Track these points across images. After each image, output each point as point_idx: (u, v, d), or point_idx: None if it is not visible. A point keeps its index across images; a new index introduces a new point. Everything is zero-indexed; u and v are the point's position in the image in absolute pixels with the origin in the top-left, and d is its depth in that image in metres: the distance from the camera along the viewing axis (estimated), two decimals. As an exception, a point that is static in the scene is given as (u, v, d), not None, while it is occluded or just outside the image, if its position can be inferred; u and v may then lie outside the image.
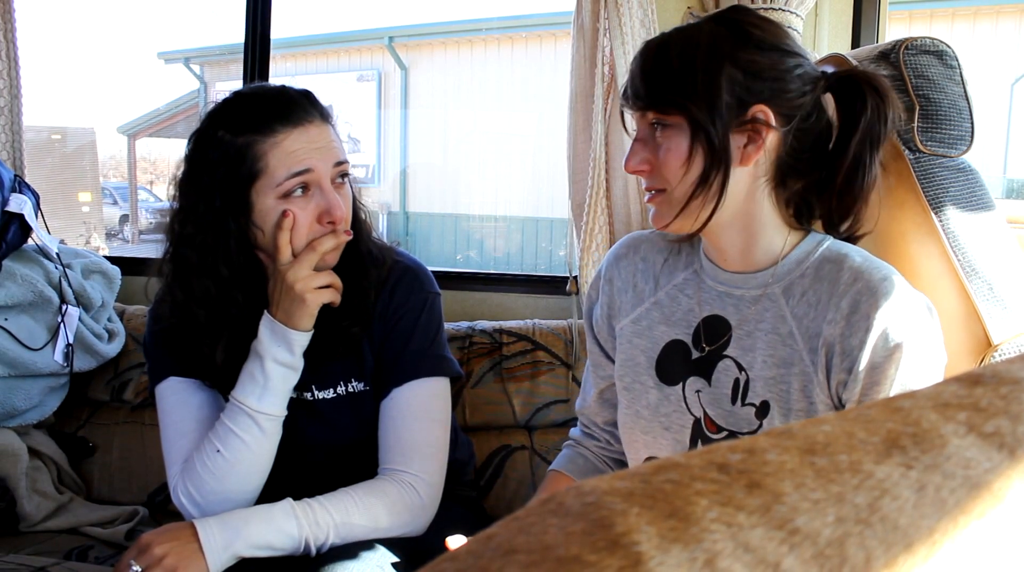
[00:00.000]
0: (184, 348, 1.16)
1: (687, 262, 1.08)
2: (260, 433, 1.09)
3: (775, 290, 0.98)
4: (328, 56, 9.11)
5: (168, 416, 1.18)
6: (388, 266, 1.21)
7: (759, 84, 0.92)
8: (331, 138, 1.12)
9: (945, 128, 1.07)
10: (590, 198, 1.67)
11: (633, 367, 1.08)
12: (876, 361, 0.89)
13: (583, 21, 1.67)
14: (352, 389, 1.20)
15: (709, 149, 0.92)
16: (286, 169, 1.07)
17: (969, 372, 0.32)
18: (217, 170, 1.08)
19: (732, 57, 0.92)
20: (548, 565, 0.21)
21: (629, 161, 0.98)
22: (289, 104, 1.10)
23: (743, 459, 0.25)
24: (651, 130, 0.97)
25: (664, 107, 0.94)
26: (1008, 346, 1.02)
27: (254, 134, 1.07)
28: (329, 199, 1.09)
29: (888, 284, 0.90)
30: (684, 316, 1.05)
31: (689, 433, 1.02)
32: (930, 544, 0.24)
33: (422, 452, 1.16)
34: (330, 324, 1.16)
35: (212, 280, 1.11)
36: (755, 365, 0.97)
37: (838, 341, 0.91)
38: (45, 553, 1.46)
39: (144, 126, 10.71)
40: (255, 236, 1.11)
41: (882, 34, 1.72)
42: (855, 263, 0.93)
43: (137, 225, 10.50)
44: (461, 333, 1.68)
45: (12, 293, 1.61)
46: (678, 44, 0.94)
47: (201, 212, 1.09)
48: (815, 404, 0.93)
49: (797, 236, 0.99)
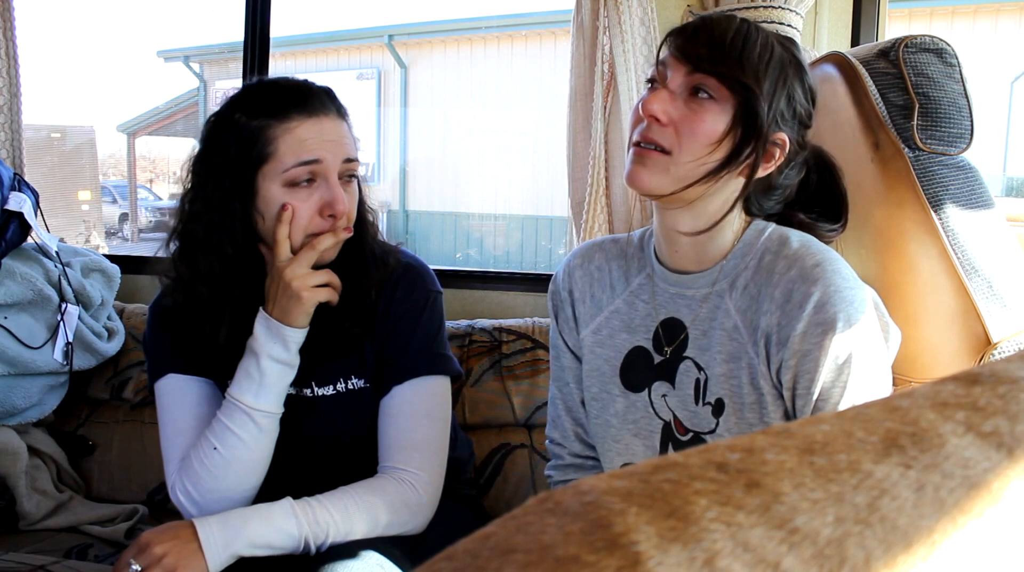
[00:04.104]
0: (185, 337, 1.16)
1: (639, 267, 1.07)
2: (257, 430, 1.09)
3: (722, 286, 0.98)
4: (328, 54, 9.11)
5: (166, 413, 1.17)
6: (391, 267, 1.21)
7: (792, 119, 0.96)
8: (344, 134, 1.13)
9: (945, 126, 1.06)
10: (589, 196, 1.67)
11: (599, 377, 1.07)
12: (809, 344, 0.89)
13: (583, 19, 1.67)
14: (352, 386, 1.20)
15: (741, 143, 0.92)
16: (295, 156, 1.07)
17: (967, 371, 0.32)
18: (229, 150, 1.09)
19: (792, 83, 0.95)
20: (546, 565, 0.20)
21: (652, 103, 0.93)
22: (308, 95, 1.11)
23: (742, 458, 0.25)
24: (687, 90, 0.93)
25: (727, 80, 0.91)
26: (1007, 344, 1.02)
27: (269, 118, 1.08)
28: (333, 192, 1.09)
29: (819, 269, 0.90)
30: (643, 321, 1.04)
31: (659, 438, 1.02)
32: (929, 544, 0.24)
33: (422, 450, 1.15)
34: (331, 325, 1.16)
35: (217, 257, 1.11)
36: (712, 364, 0.97)
37: (775, 330, 0.91)
38: (45, 551, 1.46)
39: (143, 124, 10.70)
40: (256, 222, 1.11)
41: (882, 32, 1.72)
42: (791, 250, 0.94)
43: (136, 223, 10.50)
44: (461, 331, 1.68)
45: (12, 291, 1.60)
46: (757, 36, 0.93)
47: (210, 191, 1.10)
48: (764, 395, 0.94)
49: (742, 226, 1.00)
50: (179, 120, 10.81)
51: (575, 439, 1.15)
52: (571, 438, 1.15)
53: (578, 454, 1.15)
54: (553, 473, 1.19)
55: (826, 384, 0.90)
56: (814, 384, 0.90)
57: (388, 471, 1.14)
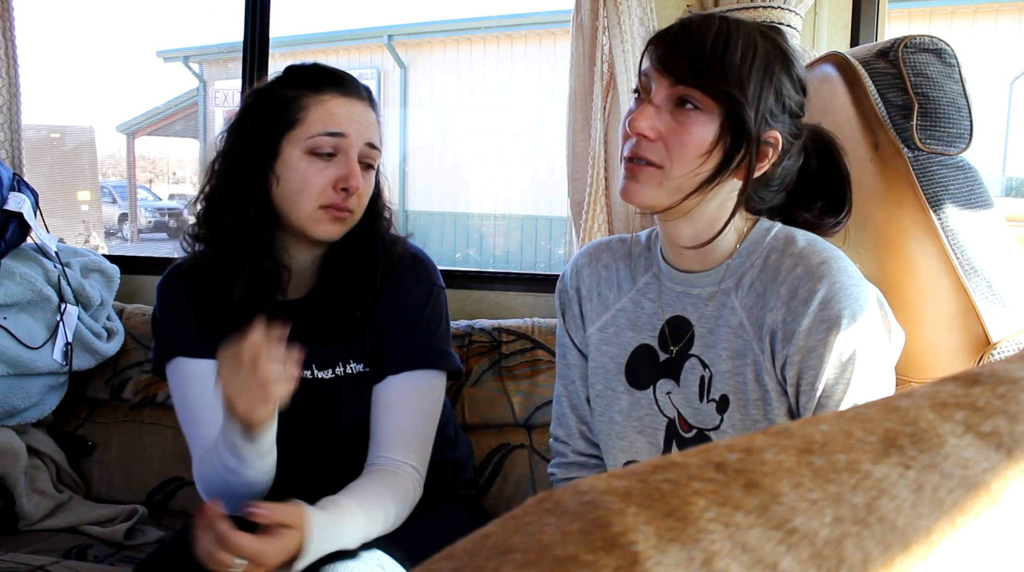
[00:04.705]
0: (196, 305, 1.18)
1: (646, 266, 1.08)
2: (257, 463, 1.06)
3: (728, 284, 0.98)
4: (327, 54, 9.10)
5: (179, 400, 1.19)
6: (398, 255, 1.23)
7: (783, 114, 0.95)
8: (372, 121, 1.18)
9: (944, 126, 1.07)
10: (589, 196, 1.67)
11: (604, 374, 1.08)
12: (814, 341, 0.89)
13: (582, 19, 1.67)
14: (351, 370, 1.20)
15: (732, 150, 0.91)
16: (322, 125, 1.12)
17: (967, 371, 0.32)
18: (262, 114, 1.14)
19: (779, 79, 0.93)
20: (544, 564, 0.20)
21: (639, 121, 0.92)
22: (346, 79, 1.18)
23: (741, 458, 0.25)
24: (672, 102, 0.92)
25: (711, 92, 0.90)
26: (1007, 344, 1.02)
27: (305, 89, 1.14)
28: (351, 167, 1.13)
29: (825, 267, 0.90)
30: (649, 320, 1.05)
31: (663, 435, 1.02)
32: (928, 544, 0.24)
33: (422, 445, 1.17)
34: (334, 306, 1.17)
35: (237, 215, 1.14)
36: (717, 361, 0.98)
37: (780, 327, 0.92)
38: (44, 552, 1.46)
39: (143, 125, 10.70)
40: (270, 184, 1.13)
41: (881, 32, 1.72)
42: (797, 248, 0.94)
43: (136, 224, 10.51)
44: (460, 332, 1.68)
45: (11, 292, 1.60)
46: (738, 37, 0.91)
47: (237, 152, 1.15)
48: (768, 392, 0.94)
49: (748, 225, 1.00)
50: (179, 120, 10.81)
51: (580, 437, 1.15)
52: (576, 436, 1.15)
53: (582, 452, 1.16)
54: (557, 471, 1.19)
55: (830, 381, 0.90)
56: (818, 381, 0.90)
57: (393, 464, 1.14)
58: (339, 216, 1.14)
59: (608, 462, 1.11)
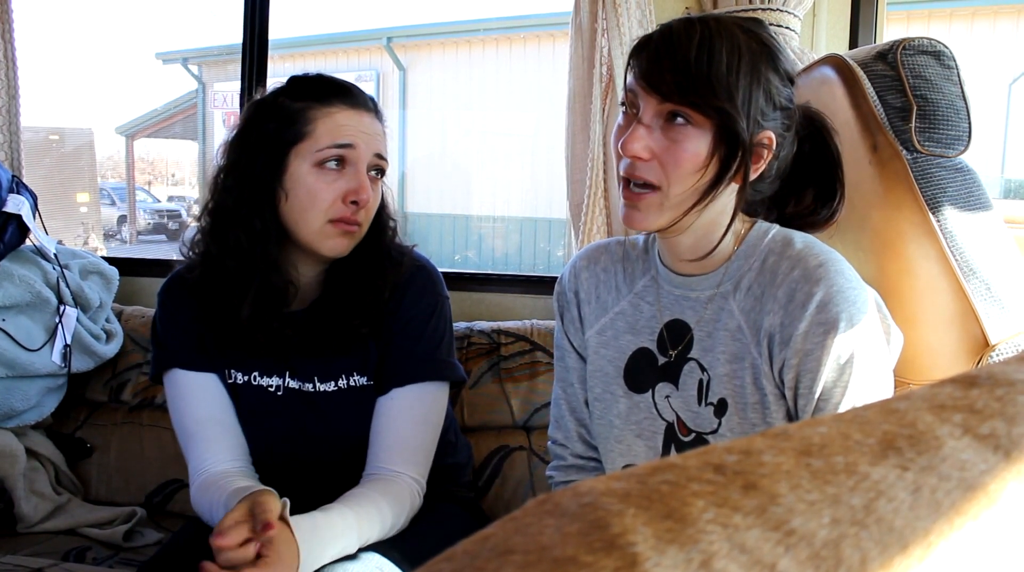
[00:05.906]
0: (197, 317, 1.17)
1: (644, 269, 1.08)
2: None
3: (726, 288, 0.98)
4: (326, 56, 9.11)
5: (175, 412, 1.19)
6: (405, 268, 1.22)
7: (773, 112, 0.94)
8: (379, 131, 1.17)
9: (942, 128, 1.07)
10: (588, 198, 1.67)
11: (602, 377, 1.08)
12: (812, 344, 0.89)
13: (581, 21, 1.67)
14: (354, 383, 1.20)
15: (727, 162, 0.90)
16: (330, 138, 1.11)
17: (965, 373, 0.32)
18: (267, 127, 1.12)
19: (766, 78, 0.92)
20: (544, 566, 0.21)
21: (631, 144, 0.91)
22: (352, 90, 1.17)
23: (739, 460, 0.25)
24: (662, 120, 0.92)
25: (700, 108, 0.89)
26: (1006, 346, 1.02)
27: (312, 101, 1.13)
28: (360, 179, 1.12)
29: (823, 270, 0.90)
30: (647, 323, 1.05)
31: (662, 438, 1.02)
32: (925, 546, 0.24)
33: (424, 457, 1.17)
34: (340, 321, 1.16)
35: (244, 231, 1.13)
36: (715, 364, 0.98)
37: (778, 330, 0.92)
38: (43, 554, 1.46)
39: (142, 126, 10.70)
40: (279, 199, 1.12)
41: (880, 34, 1.72)
42: (794, 251, 0.94)
43: (135, 226, 10.50)
44: (459, 333, 1.68)
45: (10, 294, 1.60)
46: (721, 43, 0.89)
47: (243, 166, 1.13)
48: (766, 395, 0.94)
49: (745, 227, 1.00)
50: (178, 122, 10.81)
51: (578, 440, 1.15)
52: (574, 439, 1.15)
53: (580, 455, 1.16)
54: (555, 474, 1.19)
55: (828, 384, 0.90)
56: (816, 384, 0.90)
57: (394, 476, 1.14)
58: (348, 230, 1.13)
59: (607, 465, 1.11)
